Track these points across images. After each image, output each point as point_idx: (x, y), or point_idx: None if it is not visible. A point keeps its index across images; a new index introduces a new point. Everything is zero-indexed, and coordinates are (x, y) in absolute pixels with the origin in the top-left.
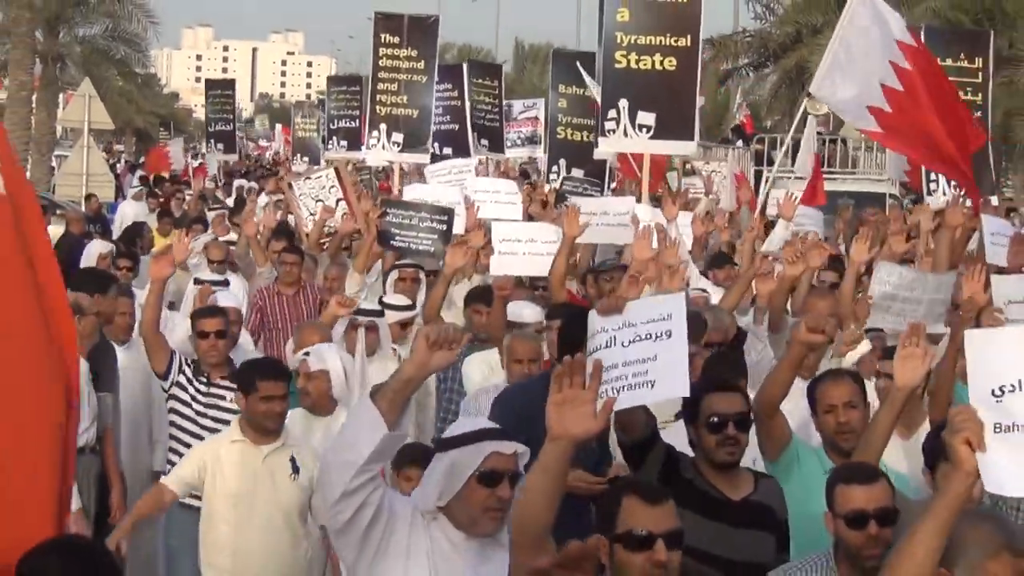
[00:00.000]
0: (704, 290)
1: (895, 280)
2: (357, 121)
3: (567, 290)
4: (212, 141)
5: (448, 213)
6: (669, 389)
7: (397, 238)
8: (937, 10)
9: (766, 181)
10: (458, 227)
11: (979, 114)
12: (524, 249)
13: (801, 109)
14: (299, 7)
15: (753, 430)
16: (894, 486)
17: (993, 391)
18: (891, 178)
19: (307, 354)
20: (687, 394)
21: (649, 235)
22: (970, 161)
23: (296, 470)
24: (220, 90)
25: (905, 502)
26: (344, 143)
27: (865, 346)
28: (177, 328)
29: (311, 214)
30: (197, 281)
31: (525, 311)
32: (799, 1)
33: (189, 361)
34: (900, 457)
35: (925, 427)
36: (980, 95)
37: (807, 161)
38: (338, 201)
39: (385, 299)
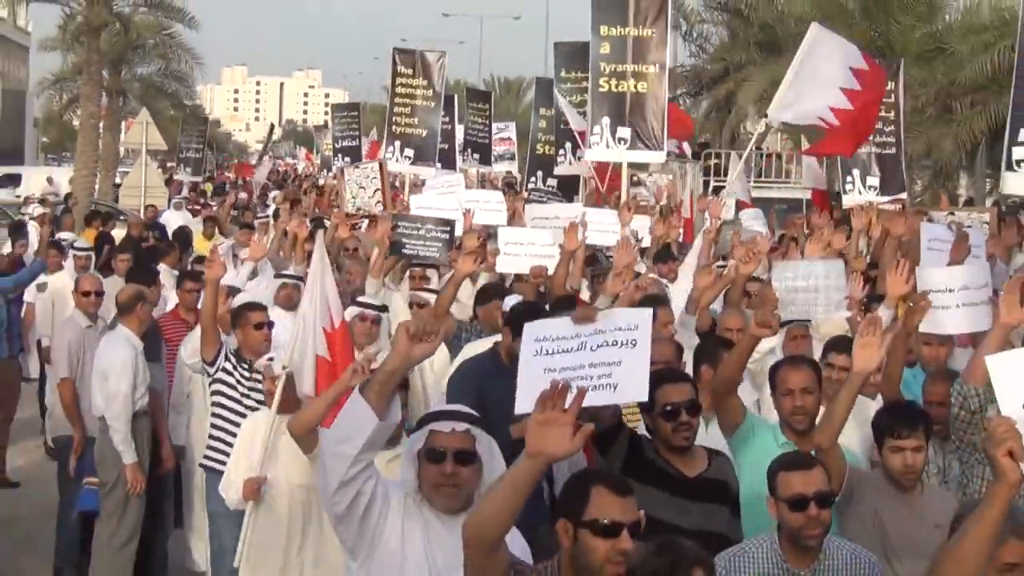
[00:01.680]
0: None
1: (791, 274)
2: (357, 140)
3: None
4: (181, 165)
5: (450, 224)
6: (630, 394)
7: (407, 247)
8: None
9: (713, 190)
10: (458, 231)
11: (892, 127)
12: (524, 251)
13: (757, 136)
14: (317, 48)
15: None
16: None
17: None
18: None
19: (271, 359)
20: (645, 399)
21: (629, 244)
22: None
23: None
24: (194, 125)
25: (856, 472)
26: (347, 159)
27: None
28: None
29: (353, 197)
30: (278, 275)
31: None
32: (726, 42)
33: (232, 350)
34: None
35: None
36: (893, 112)
37: (737, 186)
38: (375, 191)
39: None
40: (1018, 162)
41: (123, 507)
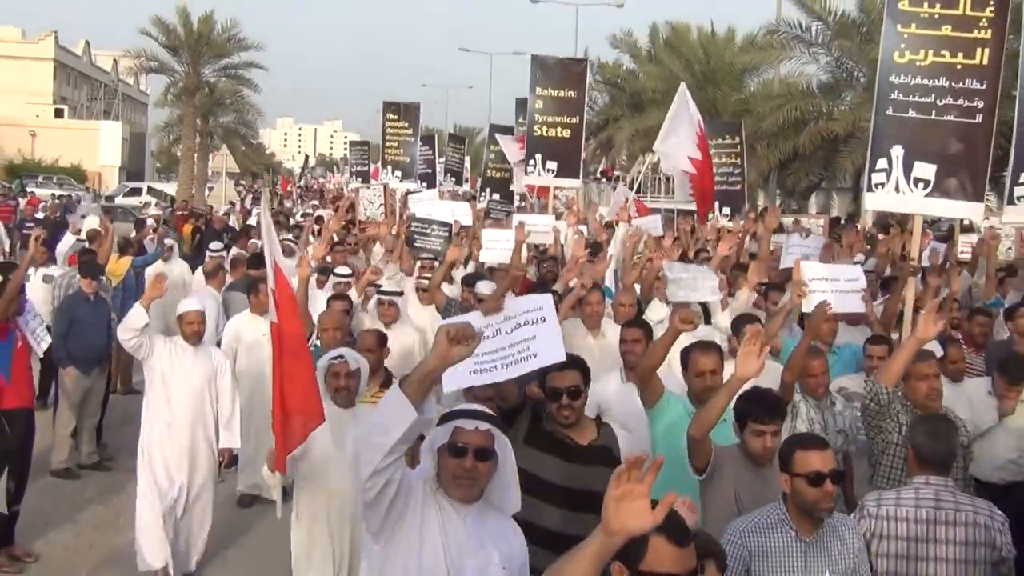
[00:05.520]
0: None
1: (676, 268)
2: (366, 166)
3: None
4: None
5: (448, 226)
6: (549, 357)
7: (418, 242)
8: None
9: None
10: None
11: (739, 170)
12: (501, 246)
13: (647, 163)
14: (340, 105)
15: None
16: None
17: None
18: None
19: (342, 357)
20: (563, 359)
21: (583, 240)
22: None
23: None
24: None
25: (719, 449)
26: (359, 179)
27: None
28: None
29: (364, 210)
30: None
31: (484, 287)
32: (607, 103)
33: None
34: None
35: None
36: (739, 159)
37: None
38: (380, 204)
39: (380, 289)
40: (876, 185)
41: None
